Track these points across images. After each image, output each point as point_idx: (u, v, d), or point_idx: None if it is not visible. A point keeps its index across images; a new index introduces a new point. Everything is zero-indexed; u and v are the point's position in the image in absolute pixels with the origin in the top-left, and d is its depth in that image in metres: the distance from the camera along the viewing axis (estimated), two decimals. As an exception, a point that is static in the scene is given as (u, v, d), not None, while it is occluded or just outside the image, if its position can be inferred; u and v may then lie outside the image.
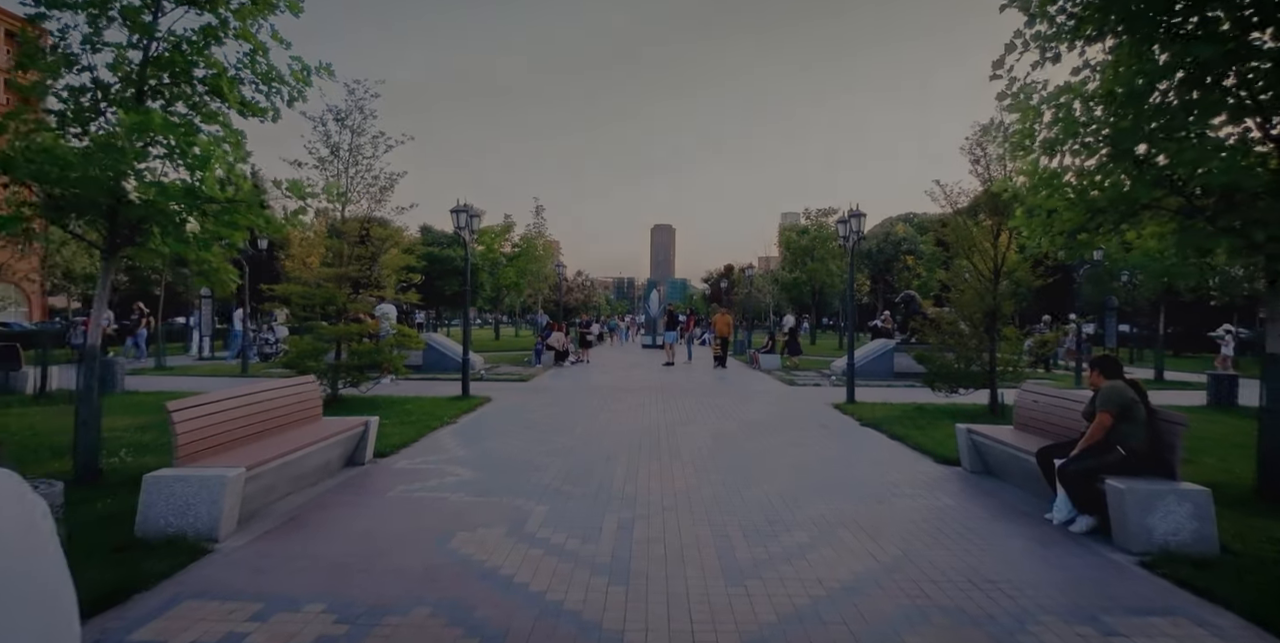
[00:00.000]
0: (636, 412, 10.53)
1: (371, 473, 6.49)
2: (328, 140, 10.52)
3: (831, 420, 9.92)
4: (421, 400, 11.04)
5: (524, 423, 9.31)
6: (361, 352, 10.40)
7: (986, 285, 10.21)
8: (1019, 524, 5.13)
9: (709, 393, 13.26)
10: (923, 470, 6.87)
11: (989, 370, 10.21)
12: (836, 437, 8.63)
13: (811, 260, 33.49)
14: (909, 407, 11.09)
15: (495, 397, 12.05)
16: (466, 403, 10.86)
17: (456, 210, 11.24)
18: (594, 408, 10.88)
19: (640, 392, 13.25)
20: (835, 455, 7.48)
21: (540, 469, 6.65)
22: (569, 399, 11.95)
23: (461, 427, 9.02)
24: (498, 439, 8.14)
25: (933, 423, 9.43)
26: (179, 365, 17.82)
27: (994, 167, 10.21)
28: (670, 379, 16.06)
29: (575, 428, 8.97)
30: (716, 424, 9.40)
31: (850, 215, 11.17)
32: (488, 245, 33.12)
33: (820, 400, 12.17)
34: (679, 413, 10.47)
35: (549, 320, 21.78)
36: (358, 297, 10.95)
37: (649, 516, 5.17)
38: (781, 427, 9.27)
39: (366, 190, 10.62)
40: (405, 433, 8.28)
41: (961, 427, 6.95)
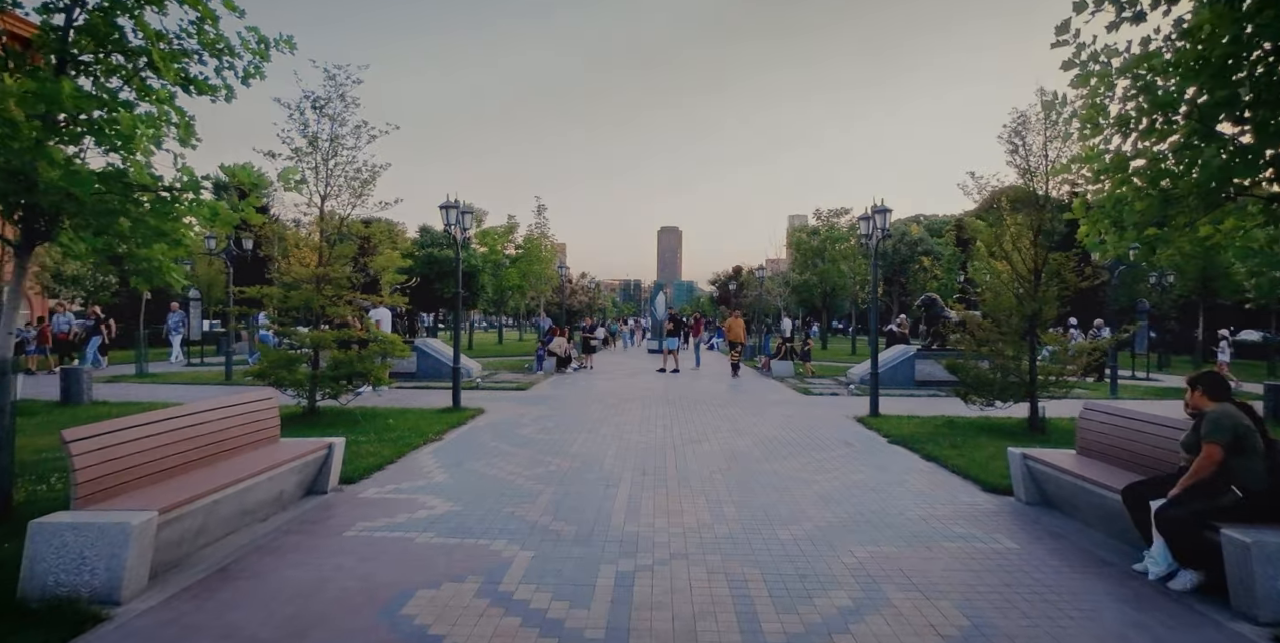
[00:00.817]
0: (641, 426, 9.63)
1: (333, 505, 5.62)
2: (305, 130, 9.69)
3: (856, 437, 8.99)
4: (407, 413, 10.18)
5: (516, 440, 8.43)
6: (342, 360, 9.55)
7: (1026, 288, 9.27)
8: (1104, 579, 4.20)
9: (720, 403, 12.35)
10: (970, 501, 5.94)
11: (1028, 381, 9.26)
12: (864, 457, 7.70)
13: (822, 262, 32.51)
14: (938, 420, 10.14)
15: (489, 408, 11.18)
16: (456, 416, 9.99)
17: (446, 206, 10.38)
18: (595, 421, 9.98)
19: (646, 402, 12.35)
20: (867, 482, 6.56)
21: (529, 500, 5.76)
22: (568, 411, 11.06)
23: (446, 445, 8.14)
24: (484, 460, 7.26)
25: (969, 440, 8.49)
26: (162, 372, 17.04)
27: (1035, 157, 9.27)
28: (678, 388, 15.15)
29: (572, 446, 8.08)
30: (729, 442, 8.48)
31: (874, 211, 10.27)
32: (491, 247, 32.36)
33: (840, 412, 11.23)
34: (688, 427, 9.56)
35: (551, 324, 20.90)
36: (340, 300, 10.10)
37: (653, 566, 4.27)
38: (801, 445, 8.35)
39: (348, 184, 9.78)
40: (382, 452, 7.41)
41: (1015, 451, 6.02)
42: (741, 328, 18.77)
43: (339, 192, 9.69)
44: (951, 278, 27.41)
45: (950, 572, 4.25)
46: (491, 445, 8.06)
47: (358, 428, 8.80)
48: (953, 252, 28.63)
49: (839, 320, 58.21)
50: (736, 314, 19.19)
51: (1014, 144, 9.40)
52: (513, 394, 13.22)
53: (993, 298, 9.57)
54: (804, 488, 6.25)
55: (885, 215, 10.11)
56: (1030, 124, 9.28)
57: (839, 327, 56.05)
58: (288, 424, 8.85)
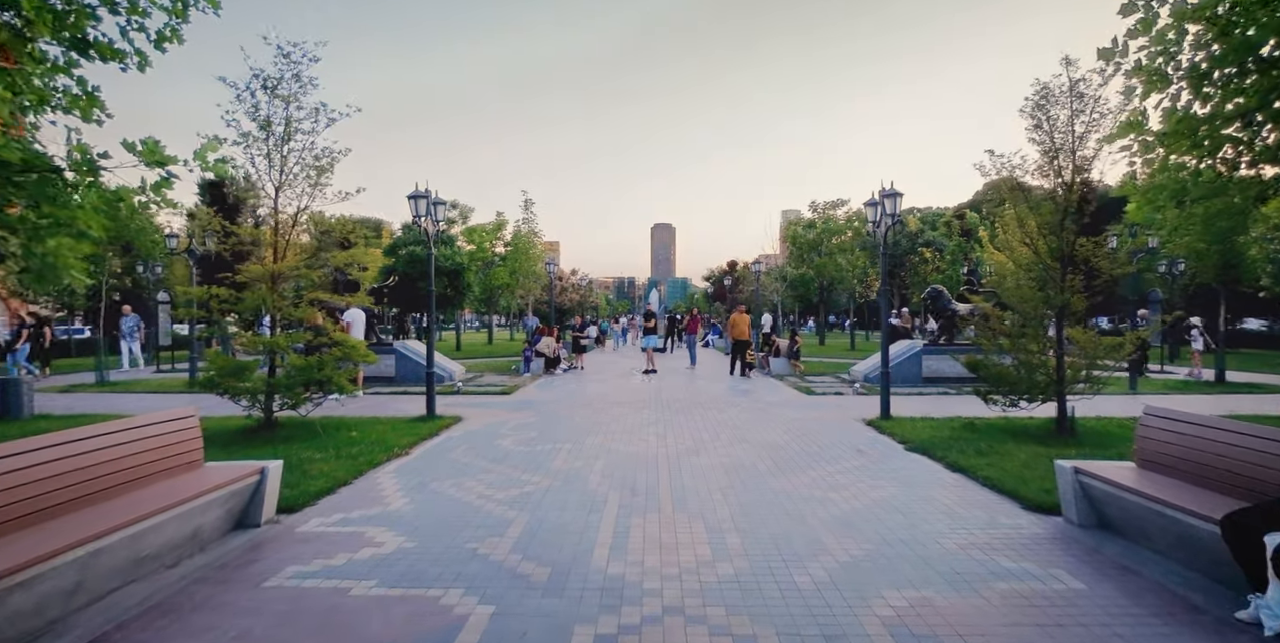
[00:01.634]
0: (633, 434, 8.76)
1: (262, 544, 4.73)
2: (255, 113, 8.77)
3: (869, 443, 8.15)
4: (375, 423, 9.29)
5: (492, 453, 7.54)
6: (301, 367, 8.63)
7: (1053, 277, 8.43)
8: (1200, 632, 3.36)
9: (718, 406, 11.49)
10: (1012, 524, 5.09)
11: (1056, 378, 8.43)
12: (882, 469, 6.85)
13: (819, 256, 31.68)
14: (956, 423, 9.31)
15: (467, 415, 10.29)
16: (428, 426, 9.10)
17: (415, 196, 9.47)
18: (582, 429, 9.11)
19: (638, 406, 11.48)
20: (890, 500, 5.71)
21: (497, 531, 4.88)
22: (553, 418, 10.18)
23: (412, 461, 7.25)
24: (452, 480, 6.37)
25: (994, 446, 7.66)
26: (126, 379, 16.06)
27: (1060, 133, 8.41)
28: (672, 389, 14.28)
29: (554, 460, 7.20)
30: (729, 452, 7.63)
31: (882, 196, 9.41)
32: (479, 245, 31.42)
33: (848, 414, 10.39)
34: (684, 435, 8.70)
35: (539, 323, 20.00)
36: (303, 301, 9.19)
37: (641, 627, 3.41)
38: (810, 454, 7.50)
39: (304, 172, 8.86)
40: (338, 471, 6.52)
41: (1066, 466, 5.17)
42: (746, 324, 17.27)
43: (294, 180, 8.76)
44: (956, 270, 26.56)
45: (1010, 627, 3.40)
46: (463, 462, 7.18)
47: (316, 442, 7.91)
48: (957, 242, 27.76)
49: (836, 315, 57.40)
50: (741, 309, 17.75)
51: (1037, 118, 8.55)
52: (495, 400, 12.34)
53: (1014, 289, 8.72)
54: (819, 510, 5.39)
55: (895, 200, 9.25)
56: (1054, 96, 8.43)
57: (835, 322, 55.30)
58: (236, 440, 7.97)
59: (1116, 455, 7.17)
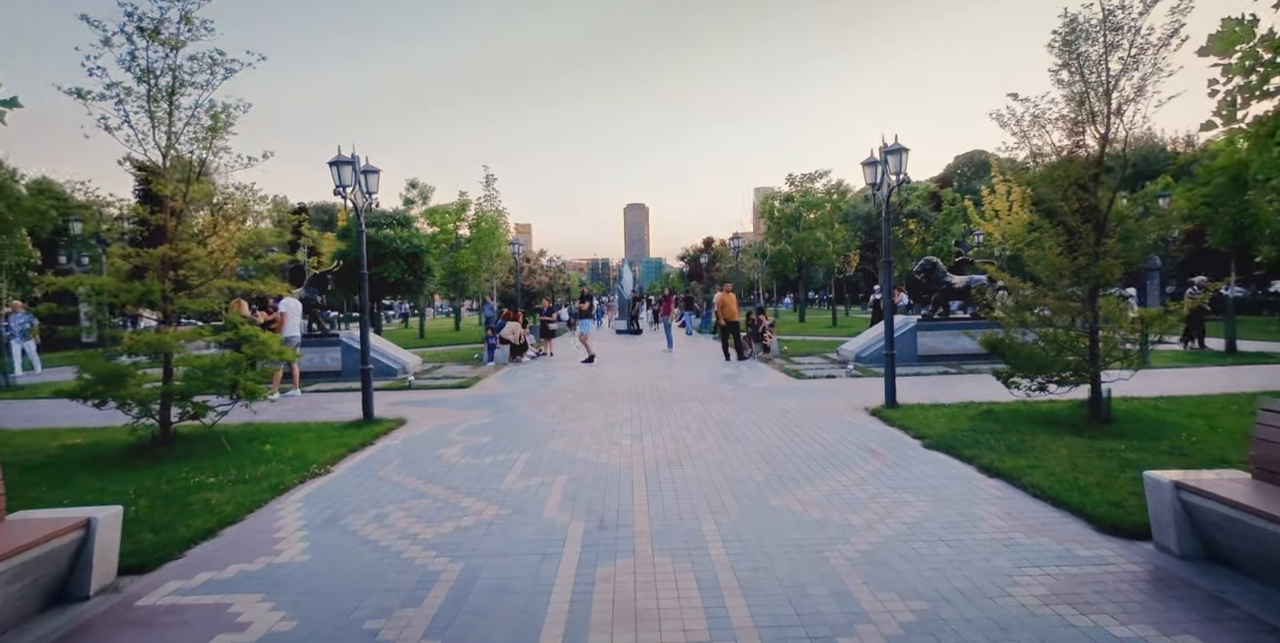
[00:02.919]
0: (603, 438, 7.48)
1: (81, 631, 3.37)
2: (132, 61, 7.18)
3: (880, 440, 6.97)
4: (299, 432, 7.88)
5: (431, 470, 6.21)
6: (204, 368, 7.16)
7: (1086, 242, 7.26)
8: None
9: (700, 397, 10.25)
10: (1093, 557, 3.92)
11: (1089, 358, 7.30)
12: (904, 476, 5.67)
13: (797, 230, 30.49)
14: (971, 410, 8.20)
15: (413, 417, 8.91)
16: (363, 433, 7.71)
17: (338, 163, 7.96)
18: (544, 432, 7.80)
19: (611, 399, 10.20)
20: (925, 523, 4.51)
21: (412, 600, 3.57)
22: (512, 418, 8.85)
23: (331, 484, 5.89)
24: (371, 513, 5.04)
25: (1026, 440, 6.53)
26: (34, 384, 14.29)
27: (1091, 73, 7.18)
28: (648, 378, 13.02)
29: (506, 477, 5.90)
30: (718, 459, 6.38)
31: (884, 152, 8.13)
32: (442, 226, 29.63)
33: (847, 402, 9.22)
34: (663, 436, 7.44)
35: (504, 308, 18.55)
36: (208, 290, 7.69)
37: None
38: (815, 458, 6.28)
39: (197, 133, 7.31)
40: (228, 504, 5.15)
41: (1161, 479, 3.99)
42: (734, 304, 15.88)
43: (179, 139, 7.22)
44: (947, 241, 25.57)
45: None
46: (393, 482, 5.83)
47: (217, 461, 6.51)
48: (947, 211, 26.66)
49: (816, 292, 56.57)
50: (728, 288, 16.42)
51: (1063, 59, 7.30)
52: (450, 396, 10.95)
53: (1039, 256, 7.53)
54: (841, 544, 4.17)
55: (901, 156, 7.98)
56: (1086, 31, 7.19)
57: (815, 298, 54.49)
58: (118, 462, 6.53)
59: (1172, 448, 6.10)
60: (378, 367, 13.51)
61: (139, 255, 7.34)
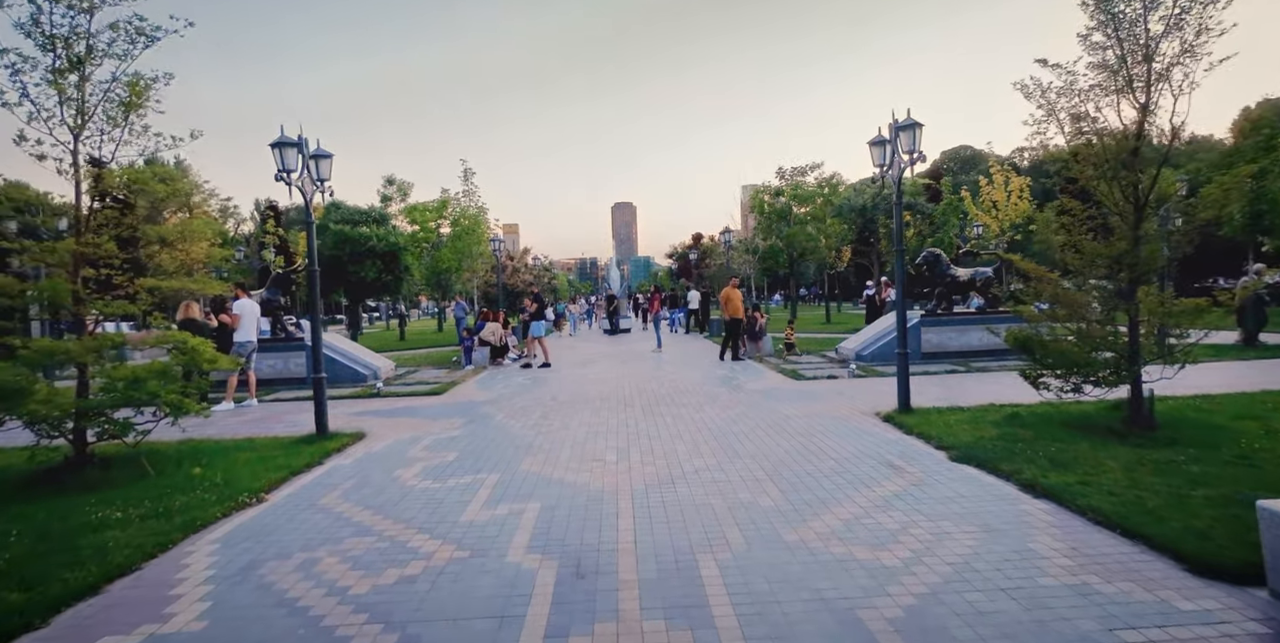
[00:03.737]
0: (584, 453, 6.60)
1: None
2: (34, 26, 6.23)
3: (899, 452, 6.14)
4: (240, 450, 6.94)
5: (382, 498, 5.30)
6: (130, 380, 6.21)
7: (1124, 228, 6.46)
8: None
9: (693, 401, 9.39)
10: (1197, 611, 3.10)
11: (1129, 355, 6.51)
12: (936, 498, 4.83)
13: (789, 225, 29.69)
14: (995, 415, 7.39)
15: (375, 430, 8.00)
16: (313, 450, 6.79)
17: (281, 144, 7.00)
18: (518, 447, 6.91)
19: (597, 406, 9.32)
20: (975, 563, 3.67)
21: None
22: (484, 430, 7.96)
23: (260, 518, 4.97)
24: (300, 557, 4.13)
25: (1065, 449, 5.72)
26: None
27: (1127, 35, 6.37)
28: (637, 380, 12.15)
29: (468, 507, 5.00)
30: (717, 478, 5.52)
31: (895, 129, 7.27)
32: (422, 224, 28.63)
33: (854, 406, 8.40)
34: (653, 449, 6.58)
35: (483, 309, 17.60)
36: (132, 290, 6.74)
37: None
38: (830, 476, 5.44)
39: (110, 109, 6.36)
40: (127, 546, 4.24)
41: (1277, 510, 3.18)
42: (739, 300, 14.76)
43: (91, 117, 6.27)
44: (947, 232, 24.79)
45: None
46: (334, 515, 4.93)
47: (134, 489, 5.58)
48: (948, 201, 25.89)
49: (807, 288, 55.87)
50: (734, 282, 15.38)
51: (1098, 18, 6.48)
52: (420, 404, 10.03)
53: (1072, 243, 6.71)
54: (877, 595, 3.32)
55: (914, 132, 7.13)
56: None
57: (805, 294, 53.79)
58: (16, 491, 5.59)
59: (1237, 459, 5.32)
60: (346, 373, 12.59)
61: (45, 252, 6.38)
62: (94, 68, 6.42)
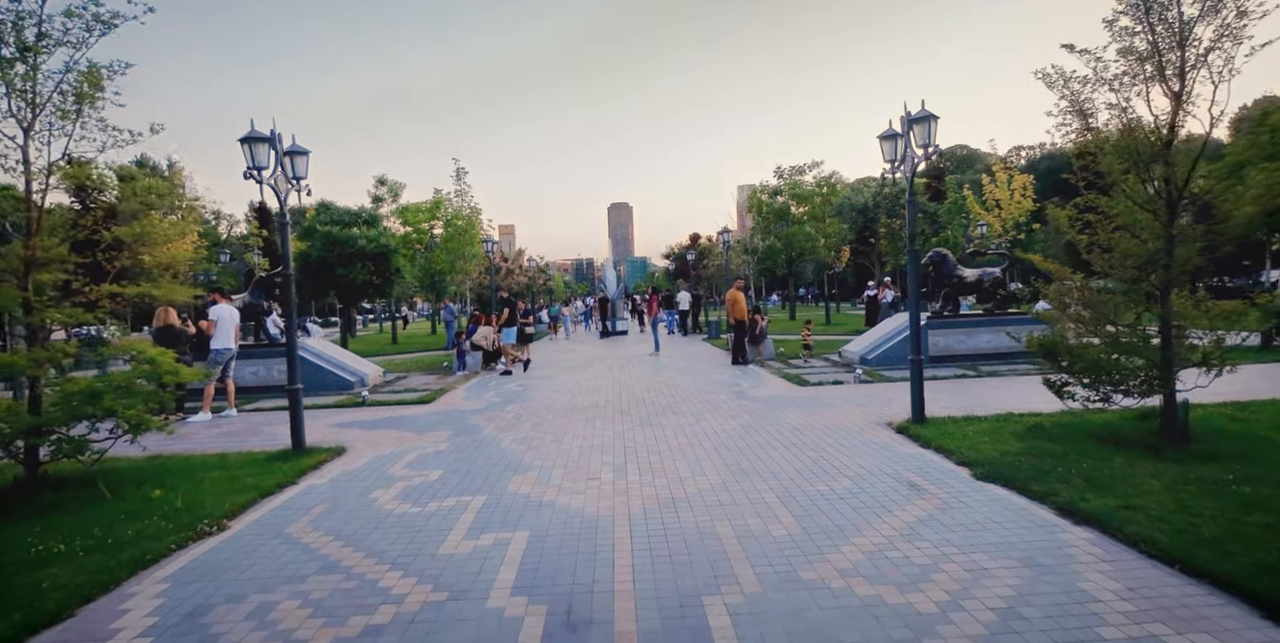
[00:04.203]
0: (578, 470, 6.14)
1: None
2: (-22, 15, 5.74)
3: (917, 468, 5.69)
4: (215, 467, 6.46)
5: (352, 528, 4.83)
6: (87, 394, 5.73)
7: (1153, 226, 6.02)
8: None
9: (694, 410, 8.94)
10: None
11: (1162, 362, 6.06)
12: (964, 523, 4.38)
13: (787, 224, 29.27)
14: (1016, 425, 6.94)
15: (356, 445, 7.52)
16: (287, 469, 6.31)
17: (251, 139, 6.52)
18: (507, 464, 6.44)
19: (592, 416, 8.86)
20: (1019, 603, 3.22)
21: None
22: (473, 443, 7.49)
23: (218, 550, 4.49)
24: (252, 602, 3.65)
25: (1099, 466, 5.29)
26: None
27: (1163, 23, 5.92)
28: (635, 388, 11.70)
29: (448, 537, 4.53)
30: (725, 502, 5.06)
31: (908, 121, 6.82)
32: (415, 225, 28.09)
33: (865, 416, 7.95)
34: (653, 466, 6.11)
35: (474, 312, 17.13)
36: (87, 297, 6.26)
37: None
38: (846, 499, 4.98)
39: (61, 103, 5.88)
40: (62, 588, 3.76)
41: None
42: (744, 302, 14.25)
43: (44, 110, 5.79)
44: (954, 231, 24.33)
45: None
46: (300, 546, 4.45)
47: (84, 515, 5.09)
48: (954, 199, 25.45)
49: (804, 288, 55.46)
50: (739, 284, 14.88)
51: (1132, 2, 6.03)
52: (407, 414, 9.55)
53: (1108, 237, 6.26)
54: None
55: (929, 124, 6.67)
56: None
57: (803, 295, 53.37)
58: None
59: (1290, 478, 4.86)
60: (331, 380, 12.11)
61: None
62: (46, 57, 5.95)
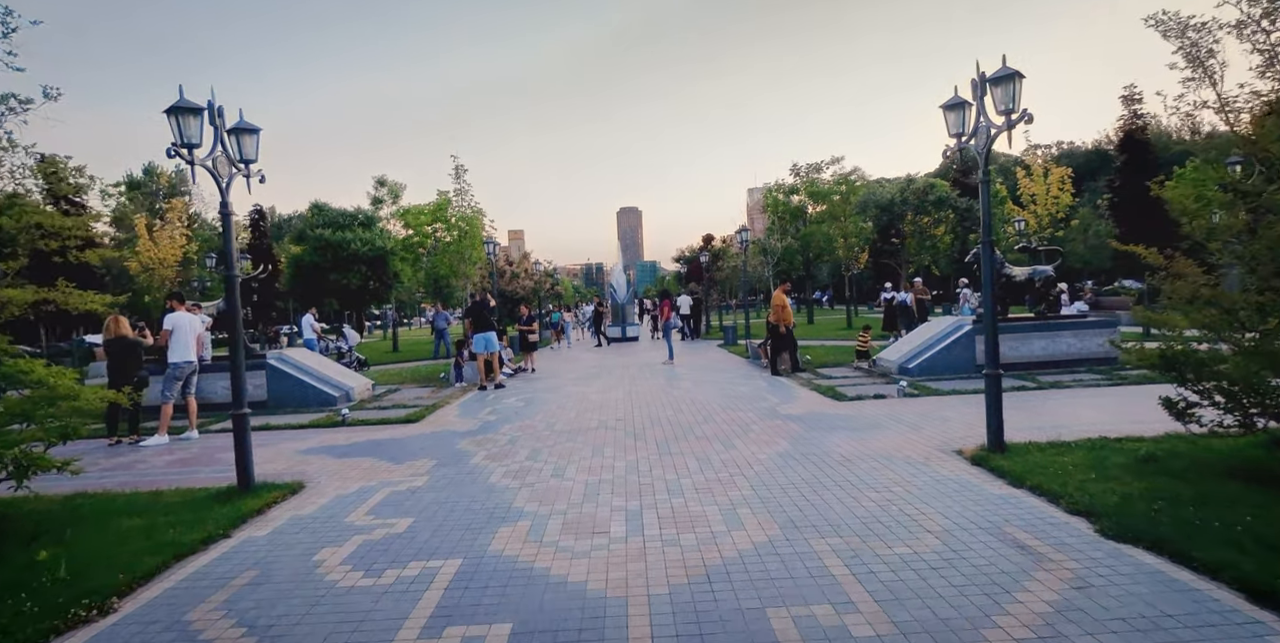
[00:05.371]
0: (582, 519, 4.90)
1: None
2: None
3: (1018, 518, 4.41)
4: (140, 511, 5.26)
5: (276, 614, 3.59)
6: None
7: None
8: None
9: (720, 432, 7.69)
10: None
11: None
12: (1121, 615, 3.10)
13: (804, 224, 27.97)
14: (1118, 454, 5.64)
15: (317, 479, 6.31)
16: (217, 519, 5.08)
17: (179, 110, 5.35)
18: (492, 512, 5.21)
19: (598, 441, 7.62)
20: None
21: None
22: (456, 478, 6.26)
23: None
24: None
25: (1263, 515, 3.99)
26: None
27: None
28: (647, 403, 10.46)
29: (396, 635, 3.30)
30: (776, 575, 3.79)
31: (985, 81, 5.52)
32: (417, 228, 27.01)
33: (925, 440, 6.67)
34: (677, 514, 4.87)
35: (466, 317, 15.94)
36: None
37: None
38: (939, 570, 3.71)
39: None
40: None
41: None
42: (786, 304, 12.80)
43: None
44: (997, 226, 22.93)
45: None
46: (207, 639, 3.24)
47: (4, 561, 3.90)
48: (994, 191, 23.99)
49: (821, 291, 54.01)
50: (784, 286, 13.50)
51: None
52: (389, 436, 8.35)
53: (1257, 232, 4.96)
54: None
55: (1013, 84, 5.37)
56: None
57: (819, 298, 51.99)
58: None
59: None
60: (312, 395, 10.94)
61: None
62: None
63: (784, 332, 12.80)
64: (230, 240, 5.73)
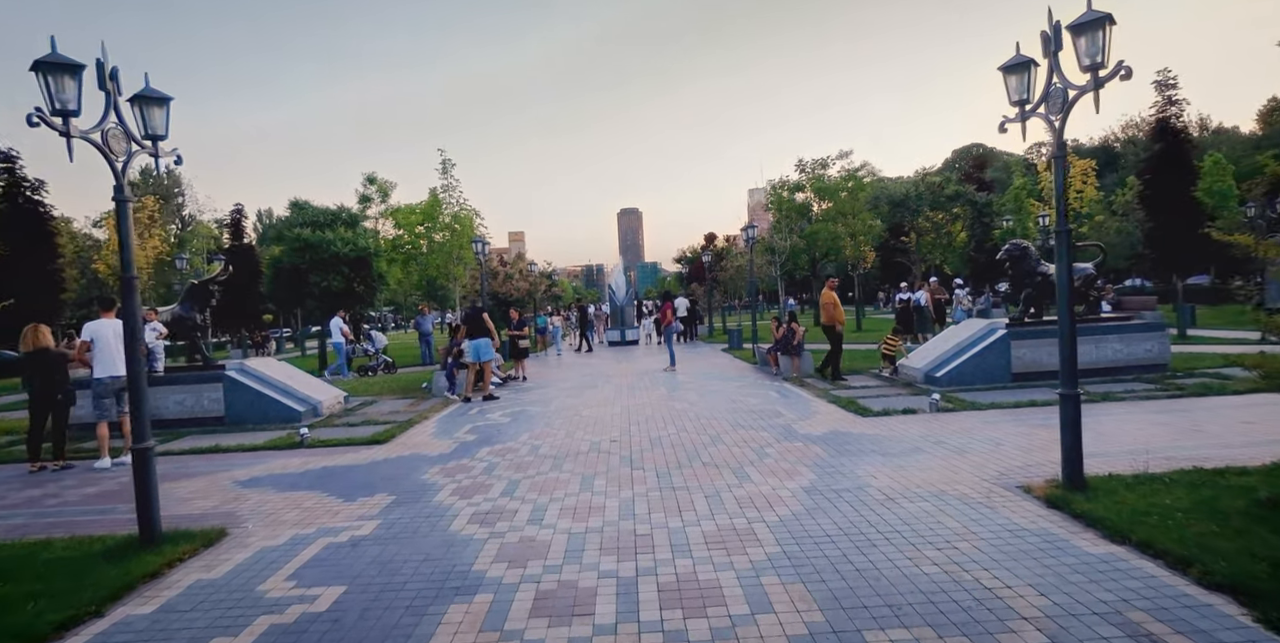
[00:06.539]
0: (556, 601, 3.81)
1: None
2: None
3: (1140, 599, 3.31)
4: (16, 567, 4.18)
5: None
6: None
7: None
8: None
9: (733, 461, 6.60)
10: None
11: None
12: None
13: (810, 222, 26.88)
14: (1224, 490, 4.56)
15: (243, 524, 5.22)
16: (96, 587, 3.98)
17: (47, 65, 4.25)
18: (444, 583, 4.11)
19: (590, 472, 6.53)
20: None
21: None
22: (412, 521, 5.18)
23: None
24: None
25: None
26: None
27: None
28: (649, 420, 9.38)
29: None
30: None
31: (1063, 31, 4.45)
32: (409, 228, 25.94)
33: (978, 473, 5.58)
34: (681, 590, 3.78)
35: (457, 324, 14.87)
36: None
37: None
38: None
39: None
40: None
41: None
42: (836, 301, 12.04)
43: None
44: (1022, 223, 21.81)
45: None
46: None
47: None
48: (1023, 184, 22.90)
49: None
50: (832, 283, 12.76)
51: None
52: (347, 462, 7.26)
53: None
54: None
55: (1101, 31, 4.28)
56: None
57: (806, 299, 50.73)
58: None
59: None
60: (282, 411, 9.86)
61: None
62: None
63: (838, 331, 11.83)
64: (127, 233, 4.64)
